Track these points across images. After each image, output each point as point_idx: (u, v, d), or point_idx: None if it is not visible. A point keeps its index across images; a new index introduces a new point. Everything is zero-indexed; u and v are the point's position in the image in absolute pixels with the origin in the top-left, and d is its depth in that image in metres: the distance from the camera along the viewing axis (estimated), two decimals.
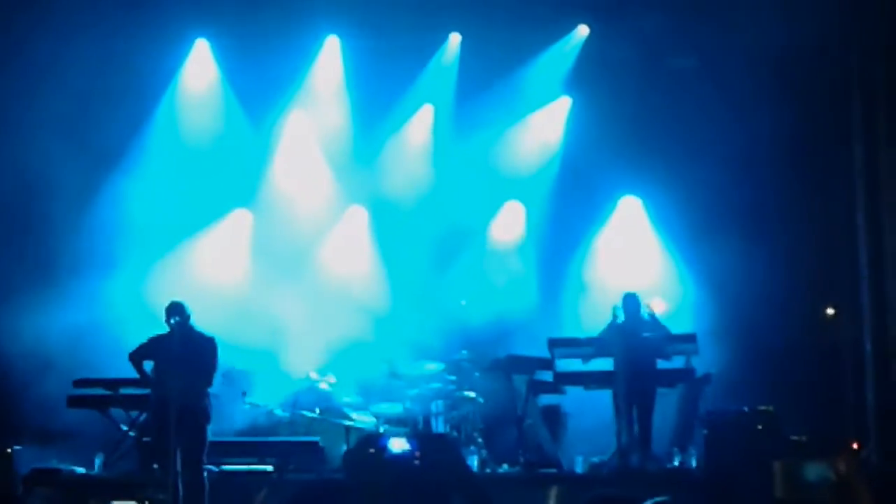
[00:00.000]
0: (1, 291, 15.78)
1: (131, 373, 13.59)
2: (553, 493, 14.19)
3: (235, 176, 17.79)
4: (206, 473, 13.26)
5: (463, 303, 17.45)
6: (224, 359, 13.78)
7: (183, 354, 13.09)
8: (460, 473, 13.92)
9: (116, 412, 15.27)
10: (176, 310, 13.23)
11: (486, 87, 17.94)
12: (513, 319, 17.25)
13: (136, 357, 13.40)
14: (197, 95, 17.93)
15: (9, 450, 14.12)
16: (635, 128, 17.41)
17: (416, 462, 13.58)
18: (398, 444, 13.72)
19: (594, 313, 17.01)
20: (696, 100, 17.49)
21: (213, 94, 17.98)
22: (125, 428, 15.02)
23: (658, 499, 11.27)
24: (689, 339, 15.45)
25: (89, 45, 16.70)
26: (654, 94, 17.57)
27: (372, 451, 13.39)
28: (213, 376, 13.31)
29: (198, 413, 13.09)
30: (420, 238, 17.74)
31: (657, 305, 16.72)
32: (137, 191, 17.27)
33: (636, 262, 17.97)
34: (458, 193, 17.97)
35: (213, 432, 13.30)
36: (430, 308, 17.21)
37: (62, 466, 14.52)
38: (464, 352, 16.58)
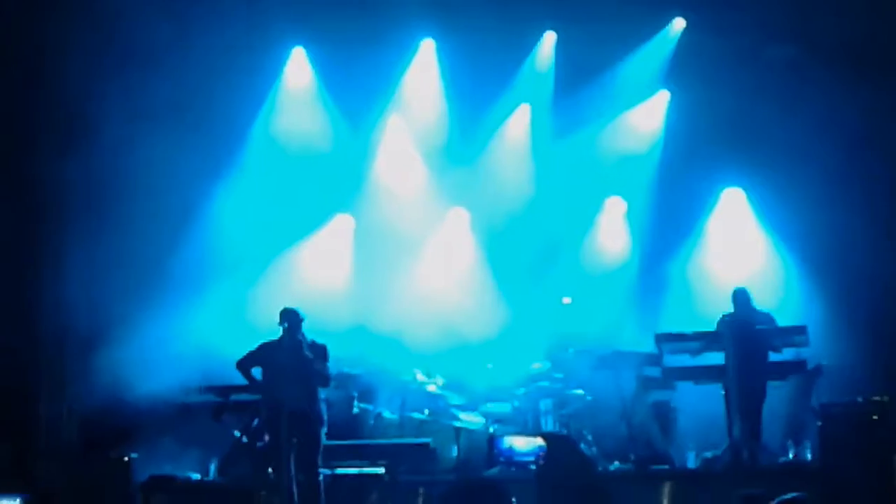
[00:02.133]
0: (113, 303, 15.95)
1: (241, 380, 13.81)
2: (666, 489, 14.10)
3: (336, 182, 17.87)
4: (321, 476, 13.38)
5: (566, 300, 17.38)
6: (333, 363, 13.92)
7: (292, 360, 13.23)
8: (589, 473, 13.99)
9: (229, 418, 15.42)
10: (286, 316, 13.36)
11: (582, 84, 17.87)
12: (617, 315, 17.13)
13: (245, 364, 13.59)
14: (295, 104, 18.03)
15: (126, 458, 14.40)
16: (736, 119, 17.19)
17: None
18: (521, 443, 13.86)
19: (700, 307, 16.91)
20: (797, 89, 17.23)
21: (311, 102, 18.07)
22: (238, 434, 15.15)
23: (790, 495, 11.07)
24: (800, 331, 15.20)
25: (186, 59, 16.78)
26: (753, 85, 17.35)
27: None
28: (326, 381, 13.45)
29: (312, 417, 13.22)
30: (522, 236, 17.72)
31: None
32: (239, 200, 17.40)
33: (741, 253, 17.77)
34: (559, 191, 17.93)
35: (324, 436, 13.43)
36: (536, 306, 17.17)
37: (178, 473, 14.71)
38: (570, 349, 16.52)
